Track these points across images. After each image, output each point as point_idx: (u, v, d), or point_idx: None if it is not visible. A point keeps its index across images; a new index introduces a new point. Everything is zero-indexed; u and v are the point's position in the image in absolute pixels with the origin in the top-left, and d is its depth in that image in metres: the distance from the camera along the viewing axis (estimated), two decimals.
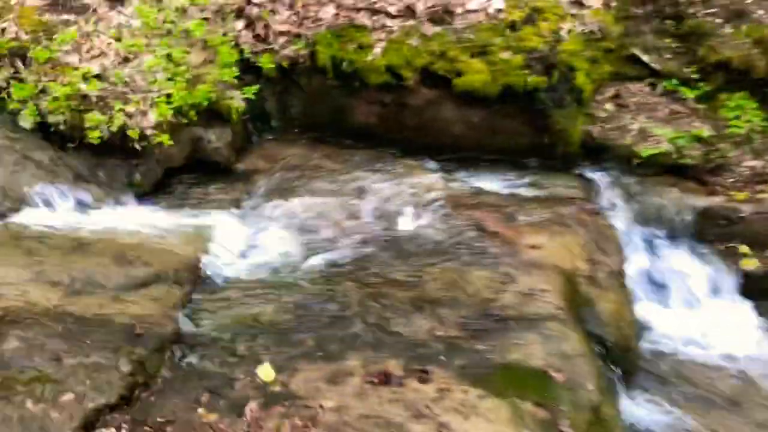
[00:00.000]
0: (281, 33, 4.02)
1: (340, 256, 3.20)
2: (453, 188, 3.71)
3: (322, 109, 4.13)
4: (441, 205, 3.55)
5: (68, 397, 2.29)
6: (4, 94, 3.53)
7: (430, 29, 3.88)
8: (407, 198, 3.61)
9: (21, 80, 3.51)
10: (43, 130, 3.46)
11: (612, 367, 2.97)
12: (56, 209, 3.24)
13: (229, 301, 2.96)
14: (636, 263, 3.59)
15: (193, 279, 3.00)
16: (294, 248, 3.27)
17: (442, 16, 3.90)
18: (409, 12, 3.94)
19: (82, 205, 3.29)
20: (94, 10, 3.80)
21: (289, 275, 3.10)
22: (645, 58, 4.05)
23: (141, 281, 2.88)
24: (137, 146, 3.38)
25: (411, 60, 3.89)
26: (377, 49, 3.91)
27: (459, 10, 3.90)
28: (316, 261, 3.18)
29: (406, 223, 3.43)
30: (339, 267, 3.14)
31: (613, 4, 3.98)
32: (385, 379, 2.49)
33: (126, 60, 3.56)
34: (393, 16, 3.96)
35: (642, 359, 3.19)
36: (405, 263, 3.16)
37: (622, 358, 3.04)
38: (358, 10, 3.99)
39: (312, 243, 3.31)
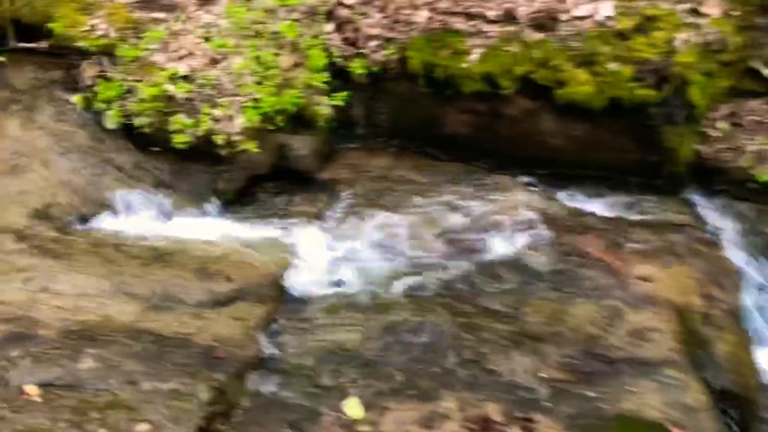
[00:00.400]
0: (372, 37, 3.75)
1: (430, 279, 2.93)
2: (551, 207, 3.38)
3: (410, 117, 3.85)
4: (538, 226, 3.23)
5: (144, 427, 2.09)
6: (90, 93, 3.38)
7: (532, 36, 3.56)
8: (501, 217, 3.31)
9: (108, 79, 3.35)
10: (127, 131, 3.29)
11: (731, 420, 2.61)
12: (137, 216, 3.06)
13: (312, 322, 2.73)
14: (753, 300, 3.20)
15: (275, 297, 2.78)
16: (380, 267, 3.01)
17: (544, 23, 3.56)
18: (509, 17, 3.62)
19: (163, 212, 3.11)
20: (183, 9, 3.62)
21: (376, 297, 2.84)
22: (767, 72, 3.63)
23: (222, 298, 2.67)
24: (222, 152, 3.18)
25: (509, 68, 3.58)
26: (473, 56, 3.60)
27: (564, 17, 3.55)
28: (404, 283, 2.91)
29: (500, 245, 3.13)
30: (429, 291, 2.87)
31: (735, 13, 3.58)
32: (485, 425, 2.21)
33: (214, 61, 3.36)
34: (491, 21, 3.65)
35: (763, 412, 2.82)
36: (501, 290, 2.86)
37: (742, 410, 2.68)
38: (454, 14, 3.70)
39: (399, 262, 3.04)
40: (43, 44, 3.62)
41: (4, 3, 3.63)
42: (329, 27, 3.78)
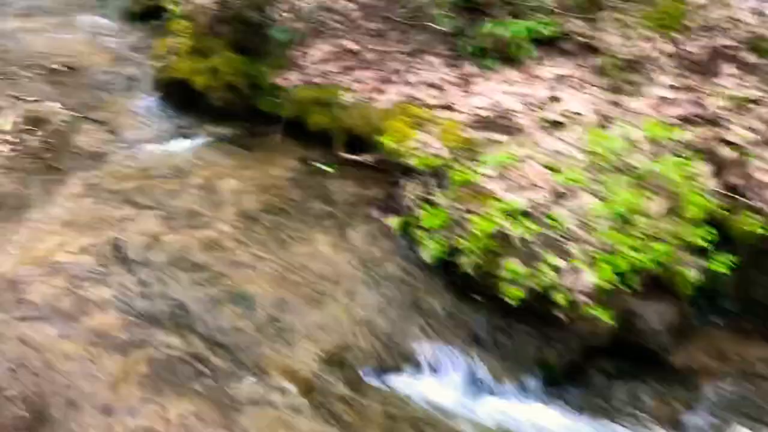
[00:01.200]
0: (766, 185, 2.72)
1: None
2: None
3: None
4: None
5: None
6: (409, 217, 2.78)
7: None
8: None
9: (432, 204, 2.73)
10: (446, 269, 2.60)
11: None
12: (442, 379, 2.30)
13: None
14: None
15: None
16: None
17: None
18: None
19: (474, 380, 2.31)
20: (527, 132, 2.94)
21: None
22: None
23: None
24: (561, 314, 2.33)
25: None
26: None
27: None
28: None
29: None
30: None
31: None
32: None
33: (560, 197, 2.58)
34: None
35: None
36: None
37: None
38: None
39: None
40: (369, 158, 3.16)
41: (338, 113, 3.28)
42: (705, 168, 2.82)
